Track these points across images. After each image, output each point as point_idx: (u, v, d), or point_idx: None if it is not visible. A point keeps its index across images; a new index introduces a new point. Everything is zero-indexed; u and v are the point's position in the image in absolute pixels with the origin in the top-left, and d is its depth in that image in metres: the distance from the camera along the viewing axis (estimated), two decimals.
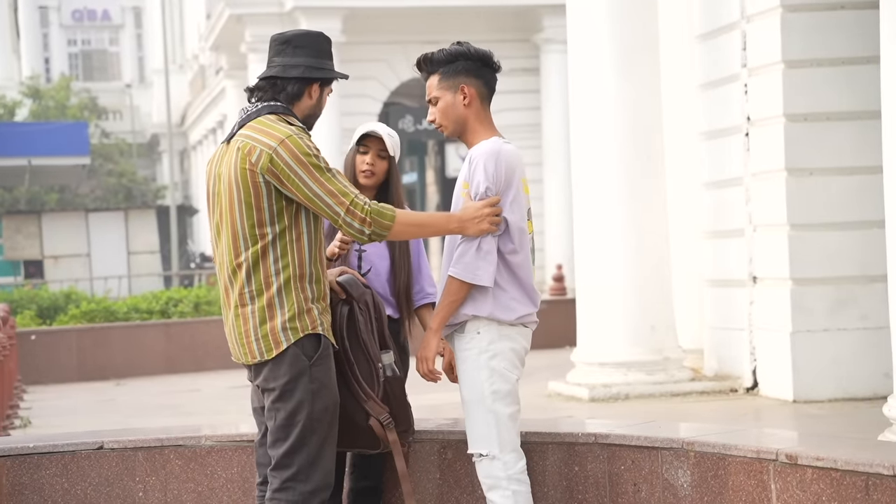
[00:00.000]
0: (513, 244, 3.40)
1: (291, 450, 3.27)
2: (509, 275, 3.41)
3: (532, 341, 3.62)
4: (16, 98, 39.14)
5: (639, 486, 3.77)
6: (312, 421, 3.28)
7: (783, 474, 3.35)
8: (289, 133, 3.30)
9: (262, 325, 3.28)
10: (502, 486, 3.42)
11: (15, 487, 4.02)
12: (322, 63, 3.44)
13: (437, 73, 3.48)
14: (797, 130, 7.18)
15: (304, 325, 3.28)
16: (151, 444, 4.10)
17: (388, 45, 18.39)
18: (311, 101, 3.46)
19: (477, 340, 3.41)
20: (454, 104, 3.47)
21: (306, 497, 3.28)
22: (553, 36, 18.33)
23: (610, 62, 7.71)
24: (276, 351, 3.27)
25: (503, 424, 3.42)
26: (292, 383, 3.28)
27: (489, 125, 3.51)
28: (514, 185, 3.40)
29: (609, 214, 7.71)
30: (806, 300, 7.15)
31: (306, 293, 3.31)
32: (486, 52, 3.51)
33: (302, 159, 3.27)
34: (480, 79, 3.48)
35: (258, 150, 3.27)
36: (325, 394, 3.32)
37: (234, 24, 19.17)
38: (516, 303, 3.41)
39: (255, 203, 3.27)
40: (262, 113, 3.37)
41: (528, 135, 18.95)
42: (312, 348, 3.30)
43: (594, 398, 7.43)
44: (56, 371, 11.38)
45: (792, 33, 7.16)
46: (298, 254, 3.30)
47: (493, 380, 3.41)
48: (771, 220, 7.33)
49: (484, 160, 3.38)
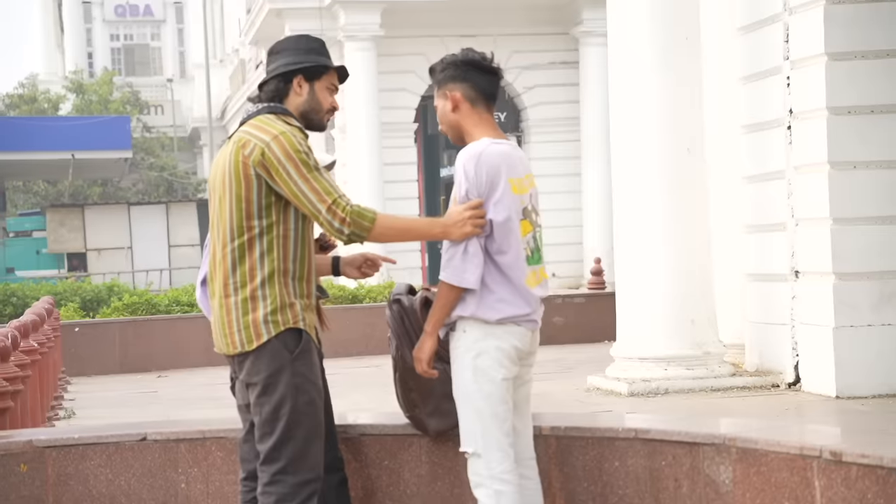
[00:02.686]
0: (497, 244, 3.45)
1: (278, 443, 3.35)
2: (499, 275, 3.46)
3: (570, 335, 3.65)
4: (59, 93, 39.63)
5: (680, 481, 3.75)
6: (297, 414, 3.35)
7: (827, 471, 3.31)
8: (283, 130, 3.39)
9: (244, 316, 3.37)
10: (485, 484, 3.46)
11: (60, 478, 4.08)
12: (303, 59, 3.51)
13: (436, 83, 3.62)
14: (840, 123, 7.10)
15: (285, 319, 3.37)
16: (193, 435, 4.14)
17: (426, 39, 18.38)
18: (302, 97, 3.51)
19: (463, 339, 3.48)
20: (444, 111, 3.59)
21: (296, 489, 3.35)
22: (592, 29, 18.24)
23: (650, 55, 7.66)
24: (257, 342, 3.36)
25: (486, 423, 3.45)
26: (274, 377, 3.36)
27: (484, 126, 3.56)
28: (500, 187, 3.44)
29: (649, 208, 7.67)
30: (849, 295, 7.07)
31: (289, 289, 3.39)
32: (474, 56, 3.58)
33: (292, 155, 3.35)
34: (467, 82, 3.55)
35: (252, 144, 3.38)
36: (308, 387, 3.39)
37: (273, 19, 19.26)
38: (503, 303, 3.45)
39: (246, 195, 3.37)
40: (262, 112, 3.48)
41: (567, 128, 18.88)
42: (294, 342, 3.38)
43: (633, 393, 7.39)
44: (99, 363, 11.51)
45: (835, 25, 7.07)
46: (284, 250, 3.40)
47: (476, 377, 3.46)
48: (814, 214, 7.26)
49: (464, 163, 3.46)
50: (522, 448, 3.64)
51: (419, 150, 19.16)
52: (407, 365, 3.78)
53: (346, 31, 17.96)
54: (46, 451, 4.07)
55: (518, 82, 18.75)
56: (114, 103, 37.82)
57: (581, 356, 10.27)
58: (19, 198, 37.58)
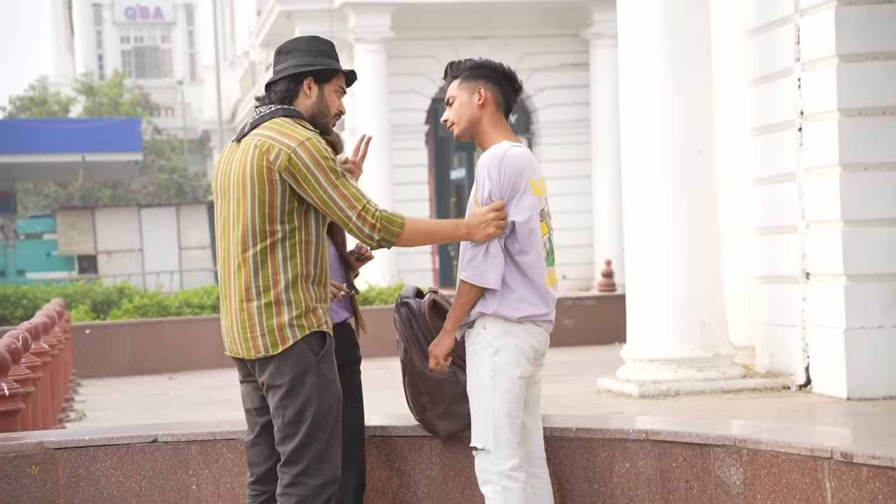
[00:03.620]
0: (520, 244, 3.50)
1: (301, 445, 3.35)
2: (519, 275, 3.51)
3: (581, 337, 3.70)
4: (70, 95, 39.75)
5: (690, 483, 3.74)
6: (321, 416, 3.37)
7: (838, 472, 3.31)
8: (308, 136, 3.39)
9: (268, 321, 3.36)
10: (493, 480, 3.49)
11: (72, 479, 4.09)
12: (313, 61, 3.50)
13: (459, 77, 3.63)
14: (852, 125, 7.08)
15: (310, 324, 3.38)
16: (204, 437, 4.15)
17: (436, 41, 18.40)
18: (311, 99, 3.51)
19: (483, 336, 3.52)
20: (469, 103, 3.60)
21: (316, 491, 3.36)
22: (603, 31, 18.23)
23: (661, 58, 7.66)
24: (283, 347, 3.36)
25: (500, 420, 3.49)
26: (300, 379, 3.36)
27: (502, 130, 3.62)
28: (521, 188, 3.50)
29: (659, 210, 7.66)
30: (860, 297, 7.05)
31: (311, 293, 3.41)
32: (508, 69, 3.66)
33: (320, 162, 3.35)
34: (499, 87, 3.61)
35: (277, 149, 3.36)
36: (332, 389, 3.41)
37: (284, 21, 19.30)
38: (524, 303, 3.50)
39: (269, 199, 3.36)
40: (276, 115, 3.45)
41: (578, 130, 18.86)
42: (318, 345, 3.40)
43: (644, 395, 7.38)
44: (110, 365, 11.54)
45: (846, 27, 7.06)
46: (306, 255, 3.41)
47: (494, 374, 3.50)
48: (824, 216, 7.24)
49: (488, 165, 3.51)
50: (534, 448, 3.66)
51: (429, 153, 19.16)
52: (416, 369, 3.79)
53: (356, 33, 17.98)
54: (58, 453, 4.08)
55: (529, 84, 18.72)
56: (124, 105, 37.91)
57: (591, 358, 10.26)
58: (30, 200, 37.71)
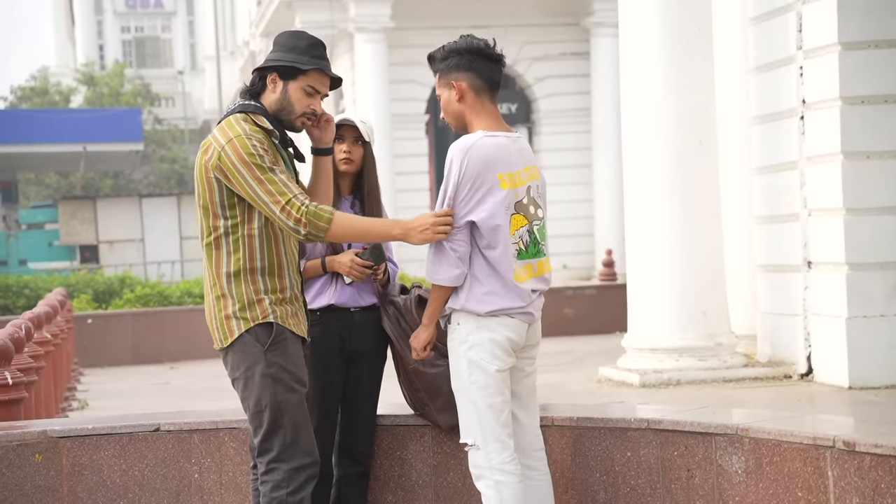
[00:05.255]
0: (486, 240, 3.45)
1: (268, 434, 3.41)
2: (489, 269, 3.46)
3: (581, 327, 3.67)
4: (71, 85, 39.73)
5: (692, 472, 3.74)
6: (278, 403, 3.40)
7: (840, 461, 3.31)
8: (238, 133, 3.41)
9: (219, 314, 3.46)
10: (486, 475, 3.47)
11: (75, 468, 4.10)
12: (282, 57, 3.50)
13: (438, 72, 3.56)
14: (854, 113, 7.07)
15: (254, 316, 3.42)
16: (206, 426, 4.16)
17: (436, 31, 18.31)
18: (275, 94, 3.51)
19: (457, 332, 3.50)
20: (450, 100, 3.55)
21: (291, 474, 3.40)
22: (603, 20, 18.19)
23: (662, 47, 7.64)
24: (231, 339, 3.44)
25: (483, 415, 3.46)
26: (250, 371, 3.42)
27: (486, 117, 3.53)
28: (486, 183, 3.43)
29: (661, 199, 7.65)
30: (862, 285, 7.04)
31: (257, 285, 3.44)
32: (479, 44, 3.53)
33: (245, 159, 3.38)
34: (473, 71, 3.51)
35: (212, 149, 3.43)
36: (286, 376, 3.42)
37: (284, 11, 19.26)
38: (494, 296, 3.45)
39: (210, 198, 3.44)
40: (234, 112, 3.50)
41: (578, 119, 18.83)
42: (265, 335, 3.43)
43: (645, 384, 7.39)
44: (111, 354, 11.56)
45: (849, 14, 7.03)
46: (250, 249, 3.44)
47: (471, 370, 3.47)
48: (826, 205, 7.23)
49: (453, 156, 3.46)
50: (530, 440, 3.63)
51: (430, 142, 19.15)
52: (410, 366, 3.79)
53: (356, 22, 17.95)
54: (61, 442, 4.09)
55: (529, 73, 18.71)
56: (125, 95, 37.89)
57: (592, 347, 10.26)
58: (31, 190, 37.72)
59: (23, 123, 27.69)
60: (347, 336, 3.87)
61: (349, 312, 3.87)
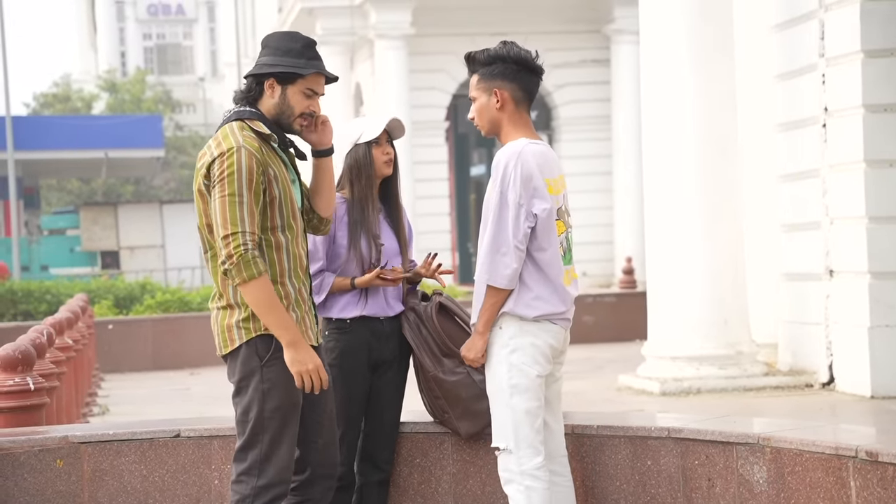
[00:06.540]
0: (538, 241, 3.46)
1: (245, 445, 3.41)
2: (537, 273, 3.48)
3: (601, 334, 3.67)
4: (93, 91, 39.97)
5: (713, 481, 3.72)
6: (263, 419, 3.38)
7: (863, 471, 3.28)
8: (232, 146, 3.34)
9: (222, 321, 3.45)
10: (516, 480, 3.47)
11: (96, 473, 4.11)
12: (282, 60, 3.44)
13: (477, 74, 3.57)
14: (876, 121, 7.03)
15: (256, 326, 3.40)
16: (226, 432, 4.16)
17: (457, 38, 18.37)
18: (274, 99, 3.45)
19: (500, 335, 3.49)
20: (488, 106, 3.56)
21: (259, 491, 3.38)
22: (624, 27, 18.15)
23: (684, 54, 7.62)
24: (231, 347, 3.43)
25: (519, 419, 3.46)
26: (244, 381, 3.41)
27: (522, 127, 3.56)
28: (539, 184, 3.45)
29: (682, 207, 7.63)
30: (885, 294, 7.00)
31: None
32: (526, 55, 3.54)
33: (225, 174, 3.32)
34: (516, 82, 3.53)
35: (206, 158, 3.38)
36: (276, 394, 3.39)
37: (305, 17, 19.32)
38: (541, 301, 3.47)
39: (204, 209, 3.40)
40: (231, 119, 3.44)
41: (598, 127, 18.80)
42: (265, 348, 3.40)
43: (665, 392, 7.36)
44: (132, 360, 11.60)
45: (871, 22, 7.00)
46: None
47: (511, 374, 3.47)
48: (849, 213, 7.19)
49: (505, 161, 3.47)
50: (555, 446, 3.64)
51: (450, 149, 19.15)
52: (429, 373, 3.79)
53: (377, 29, 17.99)
54: (82, 447, 4.11)
55: (549, 80, 18.67)
56: (146, 102, 38.10)
57: (612, 355, 10.23)
58: (53, 196, 37.96)
59: (45, 130, 27.87)
60: (375, 344, 3.88)
61: (378, 321, 3.89)
